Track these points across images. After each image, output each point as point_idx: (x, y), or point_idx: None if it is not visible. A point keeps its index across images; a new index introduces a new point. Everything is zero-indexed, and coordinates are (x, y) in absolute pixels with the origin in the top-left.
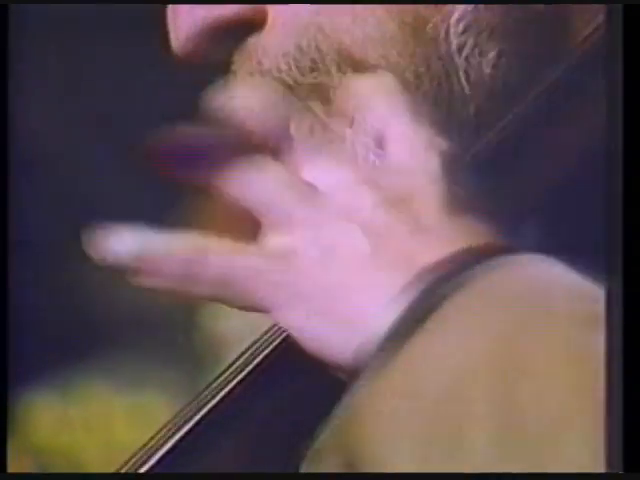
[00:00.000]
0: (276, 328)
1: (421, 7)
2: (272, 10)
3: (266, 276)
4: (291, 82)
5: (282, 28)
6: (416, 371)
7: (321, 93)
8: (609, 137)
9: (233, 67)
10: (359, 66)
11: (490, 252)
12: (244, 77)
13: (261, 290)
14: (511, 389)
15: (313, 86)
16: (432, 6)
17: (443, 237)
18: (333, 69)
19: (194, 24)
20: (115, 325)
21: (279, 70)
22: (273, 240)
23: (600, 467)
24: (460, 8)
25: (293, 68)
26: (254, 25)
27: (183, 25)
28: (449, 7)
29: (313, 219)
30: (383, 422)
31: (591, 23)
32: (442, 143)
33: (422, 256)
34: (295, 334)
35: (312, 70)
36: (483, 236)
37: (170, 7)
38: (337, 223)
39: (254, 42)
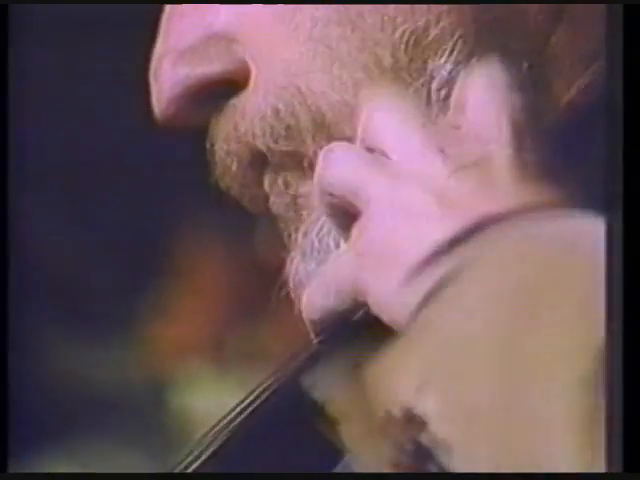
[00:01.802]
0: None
1: (402, 71)
2: (255, 70)
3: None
4: (264, 149)
5: (262, 88)
6: (435, 326)
7: (295, 159)
8: (609, 140)
9: (211, 133)
10: (334, 137)
11: (546, 208)
12: (221, 145)
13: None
14: (512, 357)
15: (286, 153)
16: (414, 70)
17: (508, 196)
18: (308, 139)
19: (176, 85)
20: (82, 406)
21: (254, 135)
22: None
23: (600, 467)
24: (441, 72)
25: (267, 134)
26: (237, 85)
27: (165, 87)
28: (429, 71)
29: (388, 190)
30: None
31: (573, 87)
32: (515, 106)
33: (481, 208)
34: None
35: (286, 138)
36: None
37: (152, 69)
38: (410, 190)
39: (234, 104)
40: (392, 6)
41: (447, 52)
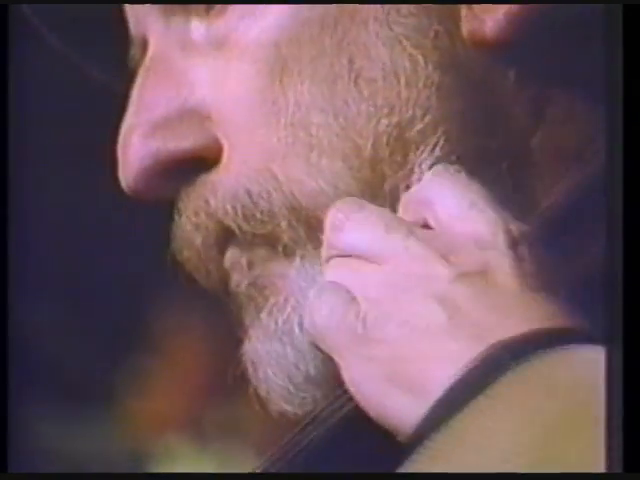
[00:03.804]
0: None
1: (382, 163)
2: (227, 146)
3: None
4: (234, 227)
5: (234, 168)
6: (461, 447)
7: (267, 242)
8: (608, 134)
9: (180, 204)
10: (311, 223)
11: (557, 337)
12: (190, 216)
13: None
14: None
15: (258, 235)
16: (394, 163)
17: (519, 315)
18: (283, 224)
19: (145, 159)
20: None
21: (225, 212)
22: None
23: (600, 467)
24: (421, 167)
25: (240, 214)
26: (207, 162)
27: (133, 161)
28: (410, 165)
29: (389, 291)
30: None
31: (552, 191)
32: (507, 219)
33: (497, 332)
34: (361, 396)
35: (260, 220)
36: (554, 316)
37: (120, 141)
38: (413, 295)
39: (204, 179)
40: (380, 96)
41: (429, 148)
